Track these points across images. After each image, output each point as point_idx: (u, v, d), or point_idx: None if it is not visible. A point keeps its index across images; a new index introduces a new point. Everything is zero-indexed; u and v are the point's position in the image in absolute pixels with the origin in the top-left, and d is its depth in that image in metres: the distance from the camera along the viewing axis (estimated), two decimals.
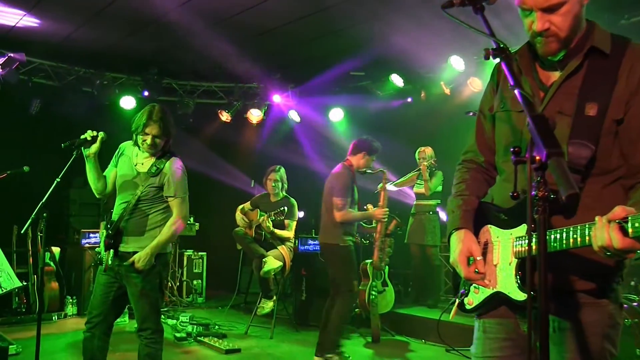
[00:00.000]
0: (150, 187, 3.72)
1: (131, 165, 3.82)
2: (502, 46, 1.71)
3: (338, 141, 9.17)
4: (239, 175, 9.65)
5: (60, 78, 8.29)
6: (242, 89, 9.21)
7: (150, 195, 3.73)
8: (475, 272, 1.99)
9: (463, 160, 2.28)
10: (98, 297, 3.75)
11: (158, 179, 3.73)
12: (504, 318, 2.03)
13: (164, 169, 3.74)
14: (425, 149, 7.31)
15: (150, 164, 3.77)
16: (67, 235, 8.32)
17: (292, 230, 6.64)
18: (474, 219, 2.11)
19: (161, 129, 3.71)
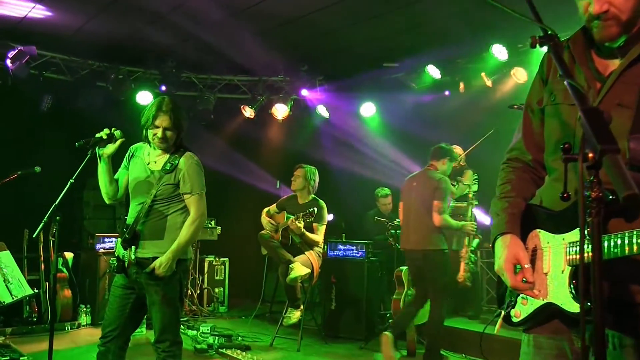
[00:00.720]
0: (166, 185, 3.72)
1: (143, 165, 3.84)
2: (550, 33, 1.67)
3: (370, 138, 9.15)
4: (263, 175, 9.68)
5: (73, 72, 8.42)
6: (267, 83, 9.24)
7: (166, 194, 3.73)
8: (523, 281, 1.94)
9: (508, 158, 2.24)
10: (114, 310, 3.75)
11: (173, 176, 3.73)
12: (556, 333, 1.97)
13: (178, 164, 3.74)
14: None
15: (163, 161, 3.79)
16: (81, 239, 8.44)
17: (321, 235, 6.63)
18: (520, 222, 2.07)
19: (172, 121, 3.72)
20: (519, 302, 2.07)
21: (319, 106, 9.19)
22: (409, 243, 6.03)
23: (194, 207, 3.76)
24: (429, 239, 5.84)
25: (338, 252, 7.30)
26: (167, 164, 3.76)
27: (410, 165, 8.58)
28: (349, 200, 9.21)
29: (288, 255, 6.46)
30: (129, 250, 3.74)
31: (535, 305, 2.00)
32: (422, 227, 5.88)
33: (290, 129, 9.83)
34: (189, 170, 3.75)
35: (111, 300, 3.80)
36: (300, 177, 6.83)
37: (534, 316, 2.01)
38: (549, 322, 1.99)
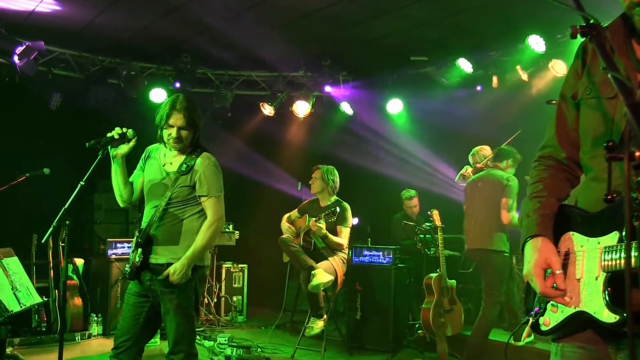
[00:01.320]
0: (181, 187, 3.75)
1: (159, 166, 3.87)
2: (592, 22, 1.65)
3: (397, 137, 9.13)
4: (284, 177, 9.71)
5: (83, 69, 8.54)
6: (287, 79, 9.28)
7: (182, 197, 3.76)
8: (554, 287, 1.93)
9: (540, 156, 2.23)
10: (127, 319, 3.78)
11: (189, 178, 3.76)
12: (589, 344, 1.95)
13: (195, 165, 3.77)
14: (480, 149, 7.22)
15: (179, 162, 3.82)
16: (92, 245, 8.54)
17: (345, 238, 6.63)
18: (553, 224, 2.06)
19: (186, 120, 3.74)
20: (549, 310, 2.06)
21: (342, 103, 9.19)
22: (472, 242, 6.38)
23: (211, 211, 3.78)
24: (491, 239, 6.12)
25: (363, 258, 7.29)
26: (182, 165, 3.78)
27: (440, 165, 8.56)
28: (375, 203, 9.21)
29: (310, 261, 6.46)
30: (134, 253, 3.78)
31: (566, 314, 1.98)
32: (485, 226, 6.20)
33: (312, 128, 9.85)
34: (206, 172, 3.77)
35: (124, 308, 3.84)
36: (318, 178, 6.84)
37: (565, 325, 1.99)
38: (580, 331, 1.97)
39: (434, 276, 6.44)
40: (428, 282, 6.48)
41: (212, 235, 3.76)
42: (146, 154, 4.01)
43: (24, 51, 7.37)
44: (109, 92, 8.51)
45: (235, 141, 9.80)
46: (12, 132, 8.12)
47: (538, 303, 2.12)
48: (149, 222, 3.77)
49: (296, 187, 9.03)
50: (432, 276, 6.46)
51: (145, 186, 3.90)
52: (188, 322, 3.74)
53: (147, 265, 3.76)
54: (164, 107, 3.79)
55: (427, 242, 7.16)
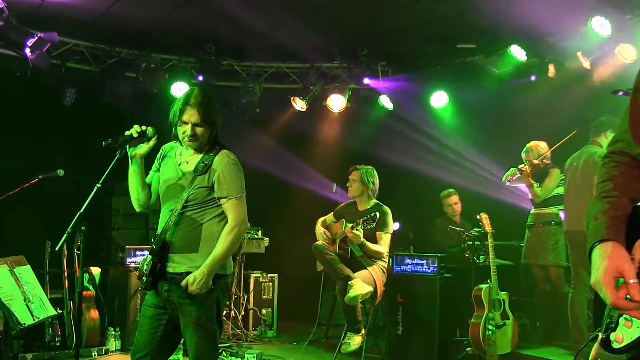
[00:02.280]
0: (199, 188, 3.73)
1: (175, 166, 3.87)
2: None
3: (442, 133, 9.06)
4: (317, 178, 9.71)
5: (99, 61, 8.62)
6: (320, 70, 9.26)
7: (199, 199, 3.74)
8: (627, 298, 1.88)
9: (611, 152, 2.19)
10: (144, 333, 3.79)
11: (207, 177, 3.74)
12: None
13: (212, 164, 3.76)
14: (534, 145, 7.14)
15: (196, 161, 3.81)
16: (109, 253, 8.61)
17: (385, 245, 6.60)
18: (625, 228, 2.00)
19: (201, 115, 3.72)
20: (621, 324, 2.01)
21: (381, 96, 9.15)
22: (569, 224, 6.81)
23: (232, 213, 3.76)
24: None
25: (405, 267, 7.24)
26: (199, 164, 3.77)
27: (489, 164, 8.47)
28: (418, 206, 9.15)
29: (347, 270, 6.44)
30: (143, 261, 3.79)
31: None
32: (582, 206, 6.33)
33: (348, 124, 9.82)
34: (225, 171, 3.76)
35: (142, 321, 3.84)
36: (356, 180, 6.82)
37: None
38: None
39: (484, 287, 6.38)
40: (477, 294, 6.41)
41: (233, 240, 3.74)
42: (162, 153, 4.01)
43: (36, 43, 7.44)
44: (126, 86, 8.58)
45: (264, 139, 9.82)
46: (24, 131, 8.25)
47: (609, 316, 2.07)
48: (164, 227, 3.77)
49: (331, 189, 9.02)
50: (482, 287, 6.39)
51: (161, 188, 3.91)
52: (209, 337, 3.74)
53: (164, 275, 3.76)
54: (177, 103, 3.79)
55: (476, 249, 7.07)
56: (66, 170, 6.08)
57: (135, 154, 3.79)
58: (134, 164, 3.82)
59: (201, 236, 3.75)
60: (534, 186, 7.08)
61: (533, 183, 7.07)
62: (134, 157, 3.80)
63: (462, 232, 7.40)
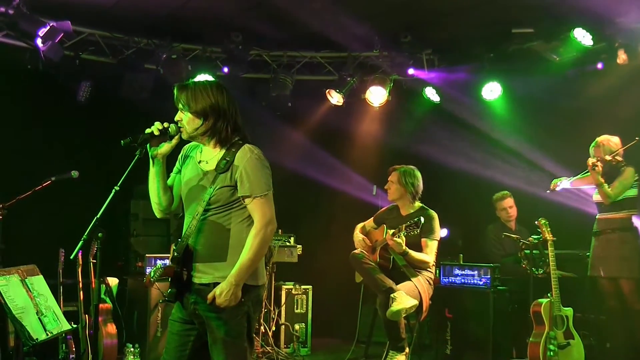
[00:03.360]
0: (221, 188, 3.71)
1: (195, 166, 3.87)
2: None
3: (494, 128, 8.99)
4: (355, 179, 9.68)
5: (116, 52, 8.70)
6: (358, 60, 9.25)
7: (223, 200, 3.72)
8: None
9: None
10: (171, 350, 3.81)
11: (229, 175, 3.71)
12: None
13: (234, 160, 3.73)
14: (606, 140, 6.99)
15: (218, 158, 3.79)
16: (128, 262, 8.67)
17: (431, 253, 6.56)
18: None
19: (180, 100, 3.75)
20: None
21: (426, 88, 9.10)
22: None
23: (257, 214, 3.72)
24: None
25: (454, 279, 7.22)
26: (221, 161, 3.74)
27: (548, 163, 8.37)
28: (469, 210, 9.08)
29: (389, 281, 6.42)
30: (153, 268, 3.80)
31: None
32: None
33: (389, 119, 9.79)
34: (247, 167, 3.71)
35: (169, 338, 3.85)
36: (394, 182, 6.80)
37: None
38: None
39: (544, 302, 6.31)
40: (536, 310, 6.35)
41: (260, 244, 3.70)
42: (183, 153, 4.00)
43: (48, 33, 7.51)
44: (146, 79, 8.64)
45: (297, 136, 9.83)
46: (35, 129, 8.35)
47: None
48: (186, 233, 3.76)
49: (370, 191, 8.98)
50: (542, 302, 6.33)
51: (183, 191, 3.90)
52: (239, 354, 3.71)
53: (190, 286, 3.75)
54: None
55: (534, 259, 7.00)
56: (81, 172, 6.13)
57: (157, 153, 3.78)
58: (155, 165, 3.82)
59: (229, 243, 3.72)
60: (604, 186, 6.84)
61: (603, 182, 6.86)
62: (155, 157, 3.79)
63: (518, 240, 7.33)
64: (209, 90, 3.76)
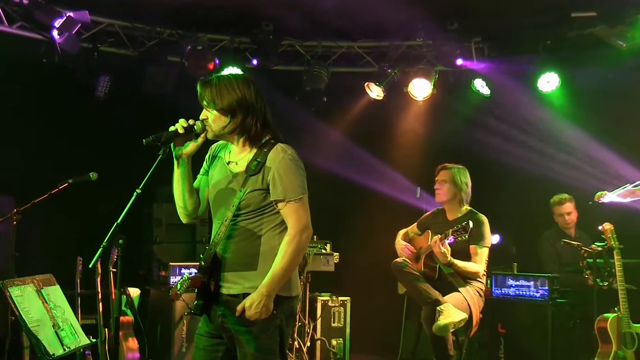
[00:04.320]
0: (253, 191, 3.71)
1: (224, 167, 3.87)
2: None
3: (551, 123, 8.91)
4: (397, 180, 9.66)
5: (137, 44, 8.77)
6: (400, 50, 9.22)
7: (254, 205, 3.72)
8: None
9: None
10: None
11: (261, 178, 3.71)
12: None
13: (266, 161, 3.73)
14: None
15: (248, 159, 3.79)
16: (150, 271, 8.74)
17: (482, 263, 6.52)
18: None
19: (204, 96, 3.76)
20: None
21: (475, 80, 9.06)
22: None
23: (291, 219, 3.72)
24: None
25: (508, 290, 7.17)
26: (252, 162, 3.74)
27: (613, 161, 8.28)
28: (523, 214, 9.00)
29: (435, 292, 6.40)
30: (180, 280, 3.81)
31: None
32: None
33: (434, 114, 9.75)
34: (280, 169, 3.71)
35: (195, 354, 3.86)
36: (447, 181, 6.75)
37: None
38: None
39: (610, 317, 6.25)
40: (602, 326, 6.29)
41: (295, 252, 3.69)
42: (211, 153, 4.01)
43: (65, 23, 7.57)
44: (169, 72, 8.71)
45: (333, 134, 9.83)
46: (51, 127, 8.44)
47: None
48: (214, 240, 3.77)
49: (414, 193, 8.96)
50: (608, 317, 6.26)
51: (210, 194, 3.91)
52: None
53: (217, 297, 3.77)
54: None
55: (598, 269, 6.92)
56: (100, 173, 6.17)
57: (182, 153, 3.78)
58: (180, 166, 3.83)
59: (260, 251, 3.73)
60: None
61: None
62: (179, 157, 3.80)
63: (580, 247, 7.25)
64: (235, 85, 3.75)
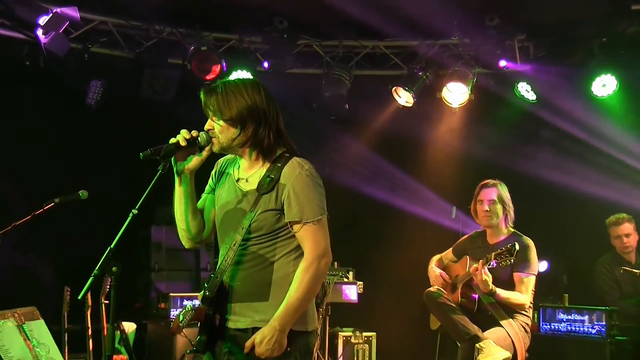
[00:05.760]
0: (265, 212, 3.69)
1: (233, 184, 3.86)
2: None
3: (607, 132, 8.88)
4: (430, 198, 9.66)
5: (133, 44, 8.81)
6: (432, 49, 9.24)
7: (267, 228, 3.71)
8: None
9: None
10: None
11: (274, 196, 3.69)
12: None
13: (280, 178, 3.72)
14: None
15: (260, 175, 3.78)
16: (148, 302, 8.75)
17: (528, 293, 6.49)
18: None
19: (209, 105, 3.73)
20: None
21: (519, 83, 9.03)
22: None
23: (308, 243, 3.70)
24: None
25: (558, 325, 7.15)
26: (264, 179, 3.73)
27: None
28: (575, 238, 8.97)
29: (474, 327, 6.38)
30: (182, 311, 3.79)
31: None
32: None
33: (472, 123, 9.75)
34: (296, 186, 3.69)
35: None
36: (496, 201, 6.70)
37: None
38: None
39: None
40: None
41: (312, 281, 3.67)
42: (217, 168, 4.01)
43: (51, 21, 7.57)
44: (170, 77, 8.74)
45: (356, 145, 9.85)
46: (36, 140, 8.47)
47: None
48: (220, 267, 3.76)
49: (449, 213, 8.94)
50: None
51: (217, 215, 3.91)
52: None
53: (223, 332, 3.76)
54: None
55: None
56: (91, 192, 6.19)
57: (184, 169, 3.77)
58: (183, 183, 3.81)
59: (272, 279, 3.71)
60: None
61: None
62: (181, 173, 3.79)
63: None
64: (244, 90, 3.73)
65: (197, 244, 4.04)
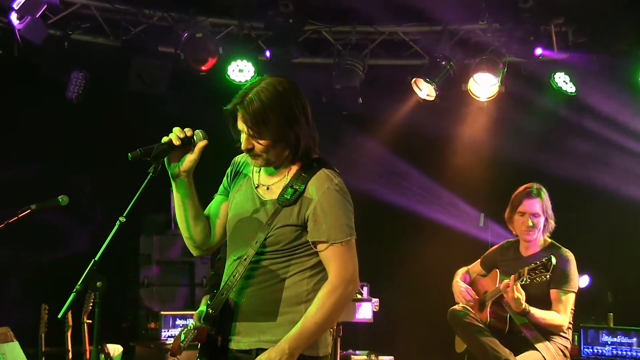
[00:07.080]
0: (284, 227, 3.67)
1: (251, 190, 3.83)
2: None
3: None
4: (454, 204, 9.65)
5: (119, 31, 8.80)
6: (457, 36, 9.24)
7: (284, 243, 3.69)
8: None
9: None
10: None
11: (297, 211, 3.67)
12: None
13: (306, 191, 3.72)
14: None
15: (283, 184, 3.77)
16: (136, 322, 8.75)
17: (566, 312, 6.48)
18: None
19: (253, 123, 3.57)
20: None
21: (556, 74, 9.03)
22: None
23: (334, 265, 3.68)
24: None
25: (602, 349, 7.14)
26: (287, 189, 3.71)
27: None
28: (622, 250, 8.94)
29: (505, 351, 6.37)
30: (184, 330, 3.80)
31: None
32: None
33: (502, 119, 9.73)
34: (325, 202, 3.67)
35: None
36: (540, 214, 6.65)
37: None
38: None
39: None
40: None
41: (335, 306, 3.66)
42: (234, 167, 3.98)
43: (26, 5, 7.57)
44: (161, 67, 8.73)
45: (371, 144, 9.85)
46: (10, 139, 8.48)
47: None
48: (227, 283, 3.75)
49: (476, 221, 8.94)
50: None
51: (230, 222, 3.88)
52: None
53: (226, 353, 3.76)
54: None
55: None
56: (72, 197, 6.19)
57: (179, 171, 3.77)
58: (179, 187, 3.79)
59: (282, 297, 3.70)
60: None
61: None
62: (177, 176, 3.77)
63: None
64: (285, 100, 3.64)
65: (206, 252, 4.03)
